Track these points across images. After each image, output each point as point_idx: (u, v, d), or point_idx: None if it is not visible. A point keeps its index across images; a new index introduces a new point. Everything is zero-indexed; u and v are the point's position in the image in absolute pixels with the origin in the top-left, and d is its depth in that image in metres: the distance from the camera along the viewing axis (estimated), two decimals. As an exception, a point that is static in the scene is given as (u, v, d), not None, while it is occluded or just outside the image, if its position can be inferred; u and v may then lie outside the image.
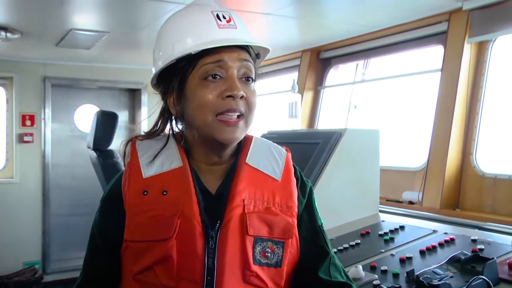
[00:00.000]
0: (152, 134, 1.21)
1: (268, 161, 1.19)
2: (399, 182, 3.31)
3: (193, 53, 1.09)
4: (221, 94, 1.08)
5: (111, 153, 3.59)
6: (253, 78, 1.15)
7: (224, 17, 1.13)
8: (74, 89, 5.79)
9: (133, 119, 6.13)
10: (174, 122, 1.21)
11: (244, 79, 1.12)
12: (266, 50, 1.20)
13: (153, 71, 1.19)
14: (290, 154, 1.24)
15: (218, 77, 1.09)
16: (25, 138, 5.34)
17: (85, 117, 5.75)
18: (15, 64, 5.25)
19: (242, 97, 1.09)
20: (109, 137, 3.62)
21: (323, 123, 4.28)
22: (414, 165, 3.32)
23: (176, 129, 1.21)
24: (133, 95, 6.12)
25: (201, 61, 1.09)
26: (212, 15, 1.13)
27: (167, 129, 1.22)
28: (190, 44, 1.11)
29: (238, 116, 1.10)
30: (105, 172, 3.51)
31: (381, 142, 2.48)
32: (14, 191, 5.34)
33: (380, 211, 2.50)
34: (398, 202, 3.14)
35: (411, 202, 3.09)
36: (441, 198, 2.86)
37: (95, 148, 3.62)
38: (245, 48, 1.14)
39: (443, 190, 2.87)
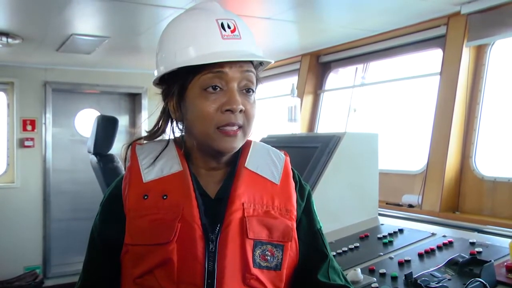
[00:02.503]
0: (153, 134, 1.21)
1: (267, 165, 1.20)
2: (399, 186, 3.31)
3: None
4: (221, 108, 1.08)
5: (111, 158, 3.60)
6: (254, 89, 1.14)
7: (229, 26, 1.11)
8: (75, 94, 5.81)
9: (133, 123, 6.14)
10: (174, 124, 1.21)
11: (244, 91, 1.11)
12: (269, 62, 1.19)
13: (155, 73, 1.19)
14: (288, 158, 1.24)
15: (219, 88, 1.09)
16: (26, 143, 5.35)
17: (85, 121, 5.76)
18: (16, 69, 5.27)
19: (241, 110, 1.09)
20: (109, 142, 3.63)
21: (323, 127, 4.29)
22: (413, 168, 3.32)
23: (177, 132, 1.21)
24: (133, 100, 6.14)
25: (202, 72, 1.08)
26: (216, 24, 1.11)
27: (167, 129, 1.22)
28: (192, 55, 1.09)
29: (237, 127, 1.10)
30: (106, 176, 3.52)
31: (381, 146, 2.49)
32: (15, 195, 5.35)
33: (380, 214, 2.50)
34: (398, 206, 3.15)
35: (410, 206, 3.10)
36: (440, 201, 2.87)
37: (95, 153, 3.63)
38: None
39: (442, 193, 2.87)
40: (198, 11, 1.16)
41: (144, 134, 1.24)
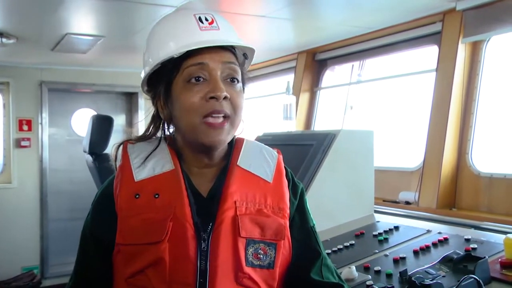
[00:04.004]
0: (143, 138, 1.21)
1: (260, 163, 1.19)
2: (395, 183, 3.31)
3: (175, 56, 1.09)
4: (205, 96, 1.08)
5: (106, 157, 3.59)
6: (239, 79, 1.14)
7: (206, 19, 1.14)
8: (71, 94, 5.80)
9: (130, 122, 6.14)
10: (165, 126, 1.21)
11: (229, 80, 1.12)
12: (252, 50, 1.20)
13: (142, 75, 1.20)
14: (281, 156, 1.24)
15: (202, 79, 1.10)
16: (22, 143, 5.34)
17: (82, 121, 5.74)
18: (11, 69, 5.26)
19: (226, 98, 1.09)
20: (104, 141, 3.63)
21: (320, 125, 4.29)
22: (410, 165, 3.32)
23: (168, 133, 1.21)
24: (129, 99, 6.13)
25: (184, 64, 1.10)
26: (194, 18, 1.13)
27: (159, 133, 1.22)
28: (172, 48, 1.11)
29: (224, 118, 1.10)
30: (101, 176, 3.51)
31: (377, 143, 2.48)
32: (12, 196, 5.35)
33: (377, 211, 2.50)
34: (394, 203, 3.14)
35: (407, 203, 3.09)
36: (437, 198, 2.86)
37: (90, 152, 3.62)
38: (229, 49, 1.14)
39: (439, 190, 2.87)
40: (178, 12, 1.20)
41: (135, 137, 1.24)
